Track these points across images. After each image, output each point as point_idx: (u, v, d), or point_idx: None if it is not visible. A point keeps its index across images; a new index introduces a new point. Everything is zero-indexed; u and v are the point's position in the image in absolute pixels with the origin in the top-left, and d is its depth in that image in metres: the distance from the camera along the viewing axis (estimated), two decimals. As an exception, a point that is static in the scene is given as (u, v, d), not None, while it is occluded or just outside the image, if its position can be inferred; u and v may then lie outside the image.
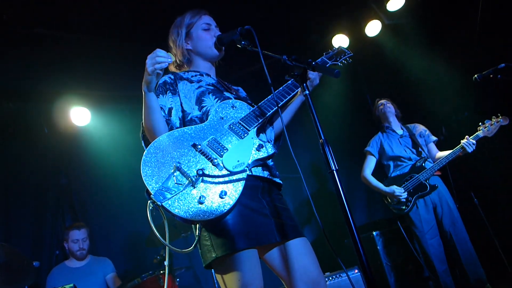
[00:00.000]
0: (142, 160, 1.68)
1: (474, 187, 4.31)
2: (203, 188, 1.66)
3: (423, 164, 4.02)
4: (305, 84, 1.72)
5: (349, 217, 1.47)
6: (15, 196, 4.47)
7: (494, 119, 3.88)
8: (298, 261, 1.78)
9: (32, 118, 4.72)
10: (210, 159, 1.74)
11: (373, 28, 5.23)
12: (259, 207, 1.79)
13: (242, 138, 1.85)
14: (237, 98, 2.09)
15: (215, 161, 1.73)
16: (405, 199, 3.98)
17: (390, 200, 4.10)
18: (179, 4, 2.24)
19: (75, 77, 4.48)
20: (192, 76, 2.11)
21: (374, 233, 4.38)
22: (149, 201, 1.58)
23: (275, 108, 1.98)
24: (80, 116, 4.79)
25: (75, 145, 4.90)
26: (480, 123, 3.92)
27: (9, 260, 3.21)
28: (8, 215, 4.37)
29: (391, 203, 4.09)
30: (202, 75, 2.14)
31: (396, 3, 4.94)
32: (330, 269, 3.91)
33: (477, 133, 3.88)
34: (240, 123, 1.91)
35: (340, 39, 5.31)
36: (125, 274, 4.51)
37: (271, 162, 1.99)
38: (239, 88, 2.34)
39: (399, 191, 3.98)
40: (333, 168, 1.54)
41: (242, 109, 2.00)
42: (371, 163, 4.35)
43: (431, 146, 4.25)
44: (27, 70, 4.32)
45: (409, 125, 4.42)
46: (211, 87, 2.08)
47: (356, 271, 3.95)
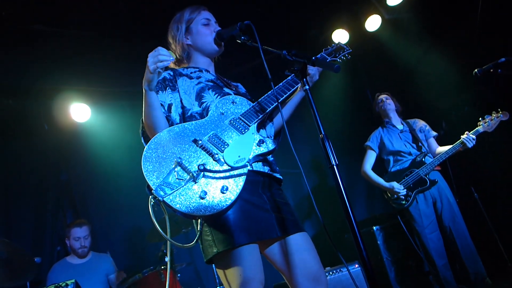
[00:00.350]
0: (143, 155, 1.68)
1: (474, 182, 4.31)
2: (204, 183, 1.66)
3: (423, 159, 4.03)
4: (305, 79, 1.72)
5: (349, 212, 1.47)
6: (15, 192, 4.48)
7: (494, 114, 3.88)
8: (299, 255, 1.79)
9: (32, 115, 4.71)
10: (211, 154, 1.74)
11: (373, 23, 5.21)
12: (259, 202, 1.80)
13: (243, 134, 1.86)
14: (237, 94, 2.09)
15: (216, 156, 1.73)
16: (404, 195, 3.99)
17: (390, 195, 4.11)
18: (179, 3, 2.23)
19: (75, 73, 4.48)
20: (191, 72, 2.11)
21: (374, 227, 4.39)
22: (151, 197, 1.59)
23: (275, 104, 1.98)
24: (80, 113, 4.79)
25: (75, 141, 4.90)
26: (480, 118, 3.91)
27: (11, 256, 3.22)
28: (8, 211, 4.38)
29: (391, 198, 4.10)
30: (202, 71, 2.14)
31: (396, -2, 4.92)
32: (330, 263, 3.92)
33: (477, 128, 3.88)
34: (241, 119, 1.91)
35: (340, 34, 5.28)
36: (126, 269, 4.52)
37: (271, 158, 2.00)
38: (238, 84, 2.35)
39: (398, 187, 3.99)
40: (333, 163, 1.54)
41: (242, 104, 2.00)
42: (371, 158, 4.35)
43: (431, 141, 4.25)
44: (26, 66, 4.31)
45: (409, 120, 4.42)
46: (211, 83, 2.08)
47: (357, 265, 3.95)
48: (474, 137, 3.83)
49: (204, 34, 2.13)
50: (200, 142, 1.76)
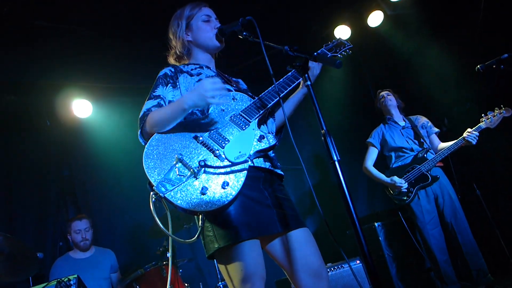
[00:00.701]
0: (144, 152, 1.68)
1: (477, 178, 4.31)
2: (205, 179, 1.67)
3: (425, 155, 4.02)
4: (306, 75, 1.71)
5: (351, 208, 1.47)
6: (18, 188, 4.50)
7: (496, 111, 3.86)
8: (300, 251, 1.79)
9: (35, 111, 4.73)
10: (211, 150, 1.74)
11: (375, 18, 5.18)
12: (261, 197, 1.80)
13: (244, 130, 1.86)
14: (238, 90, 2.09)
15: (217, 152, 1.74)
16: (406, 189, 3.99)
17: (391, 191, 4.11)
18: (179, 3, 2.23)
19: (77, 69, 4.48)
20: (192, 69, 2.10)
21: (376, 224, 4.39)
22: (152, 193, 1.59)
23: (276, 99, 1.97)
24: (82, 108, 4.80)
25: (77, 137, 4.92)
26: (483, 114, 3.89)
27: (13, 251, 3.23)
28: (11, 206, 4.40)
29: (393, 194, 4.10)
30: (202, 68, 2.13)
31: (398, -7, 4.90)
32: (332, 259, 3.93)
33: (479, 124, 3.86)
34: (241, 115, 1.91)
35: (342, 30, 5.26)
36: (128, 265, 4.54)
37: (272, 154, 2.00)
38: (239, 80, 2.34)
39: (399, 181, 3.99)
40: (335, 158, 1.54)
41: (243, 101, 2.00)
42: (373, 154, 4.35)
43: (433, 138, 4.24)
44: (29, 63, 4.32)
45: (411, 116, 4.40)
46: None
47: (358, 261, 3.96)
48: (477, 133, 3.82)
49: (205, 30, 2.13)
50: (200, 138, 1.76)
